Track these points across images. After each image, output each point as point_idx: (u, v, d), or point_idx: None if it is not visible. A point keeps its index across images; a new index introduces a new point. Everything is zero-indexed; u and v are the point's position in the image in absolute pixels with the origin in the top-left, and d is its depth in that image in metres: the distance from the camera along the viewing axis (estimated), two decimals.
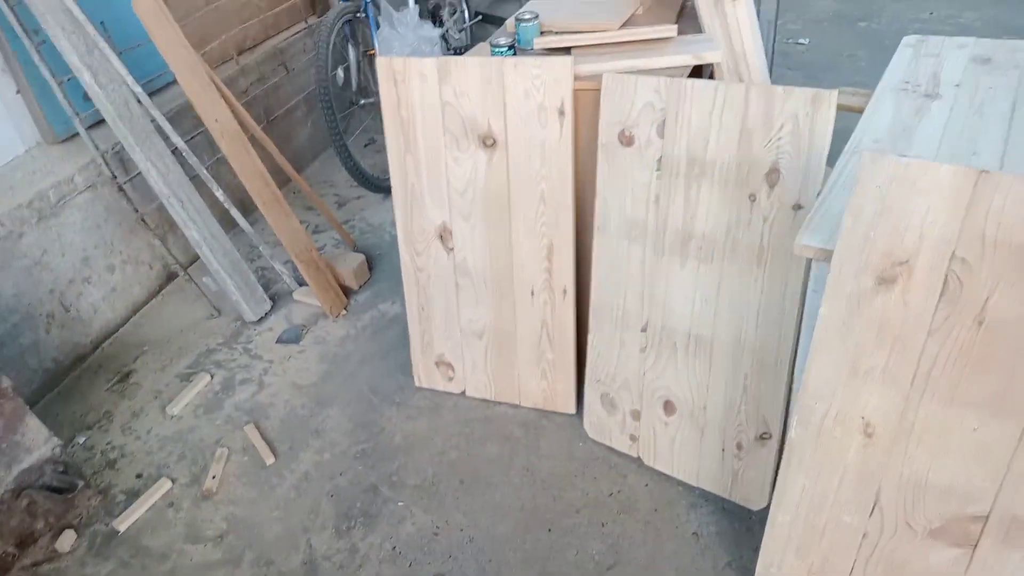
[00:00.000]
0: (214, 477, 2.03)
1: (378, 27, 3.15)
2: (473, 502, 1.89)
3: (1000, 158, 1.49)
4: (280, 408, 2.25)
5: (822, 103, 1.42)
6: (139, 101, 2.35)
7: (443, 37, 3.97)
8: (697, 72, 1.96)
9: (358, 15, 3.17)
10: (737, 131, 1.53)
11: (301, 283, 2.69)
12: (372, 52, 3.29)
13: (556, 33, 1.94)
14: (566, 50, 1.88)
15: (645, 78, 1.62)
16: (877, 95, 1.78)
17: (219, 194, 2.50)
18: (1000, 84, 1.77)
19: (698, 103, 1.56)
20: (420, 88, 1.84)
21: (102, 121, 2.40)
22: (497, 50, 1.85)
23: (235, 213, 2.55)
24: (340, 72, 3.15)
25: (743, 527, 1.76)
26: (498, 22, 4.36)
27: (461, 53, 1.70)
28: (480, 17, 4.39)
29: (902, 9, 4.74)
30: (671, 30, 1.85)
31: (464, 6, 4.38)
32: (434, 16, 4.13)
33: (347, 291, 2.70)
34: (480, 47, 2.10)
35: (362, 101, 3.34)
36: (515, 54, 1.86)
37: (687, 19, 2.19)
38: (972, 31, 4.26)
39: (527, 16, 1.93)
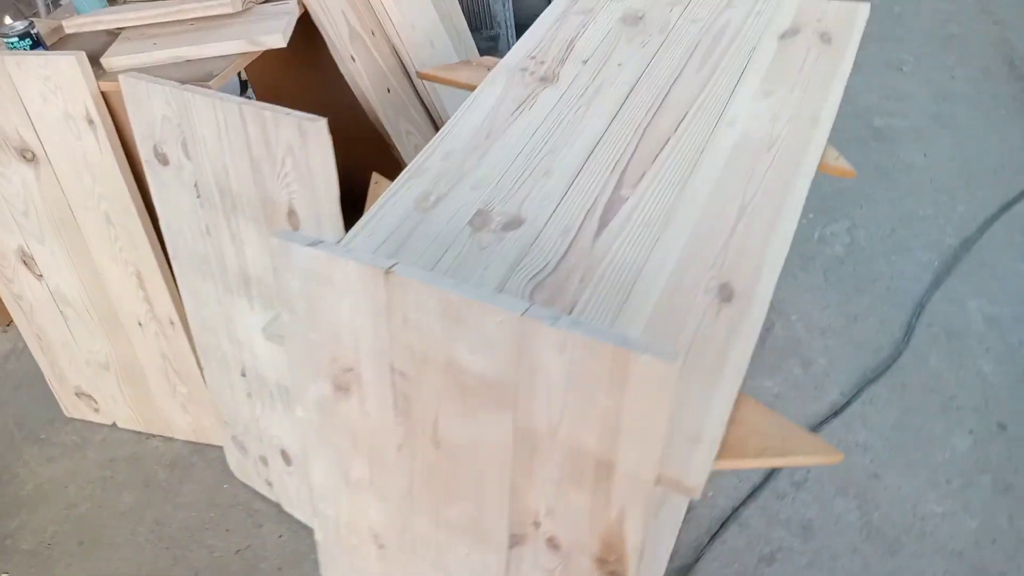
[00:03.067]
0: None
1: None
2: (87, 570, 1.66)
3: (571, 180, 1.21)
4: None
5: (310, 135, 1.09)
6: None
7: None
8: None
9: None
10: (247, 160, 1.20)
11: None
12: None
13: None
14: (116, 32, 1.48)
15: (157, 85, 1.26)
16: (490, 78, 1.45)
17: None
18: (632, 58, 1.46)
19: (207, 122, 1.22)
20: None
21: None
22: (9, 43, 1.43)
23: None
24: None
25: None
26: None
27: None
28: None
29: None
30: (229, 3, 1.45)
31: None
32: None
33: None
34: None
35: None
36: (35, 45, 1.44)
37: None
38: None
39: None
